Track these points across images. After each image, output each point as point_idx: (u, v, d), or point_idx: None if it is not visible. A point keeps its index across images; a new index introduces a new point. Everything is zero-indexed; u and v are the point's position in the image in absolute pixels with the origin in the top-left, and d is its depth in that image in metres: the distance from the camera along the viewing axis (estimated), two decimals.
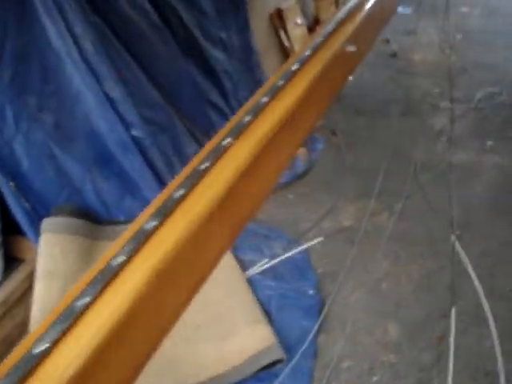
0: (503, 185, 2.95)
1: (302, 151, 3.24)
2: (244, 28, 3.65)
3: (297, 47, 4.13)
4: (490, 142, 3.25)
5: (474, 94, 3.70)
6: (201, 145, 2.98)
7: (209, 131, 2.99)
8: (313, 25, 4.54)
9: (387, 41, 4.48)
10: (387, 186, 2.99)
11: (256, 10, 3.88)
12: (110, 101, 2.53)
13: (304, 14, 4.38)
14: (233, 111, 3.47)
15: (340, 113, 3.60)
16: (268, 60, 4.02)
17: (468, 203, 2.86)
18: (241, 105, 0.70)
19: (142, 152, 2.61)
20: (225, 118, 3.32)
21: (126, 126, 2.57)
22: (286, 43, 4.15)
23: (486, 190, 2.93)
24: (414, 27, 4.38)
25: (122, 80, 2.58)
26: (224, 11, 3.49)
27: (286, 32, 4.14)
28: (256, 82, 3.72)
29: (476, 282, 2.43)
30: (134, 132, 2.58)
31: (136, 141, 2.59)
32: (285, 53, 4.18)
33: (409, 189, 2.98)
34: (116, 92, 2.53)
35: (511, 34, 4.54)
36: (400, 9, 4.94)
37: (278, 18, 4.11)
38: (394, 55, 4.28)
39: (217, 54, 3.41)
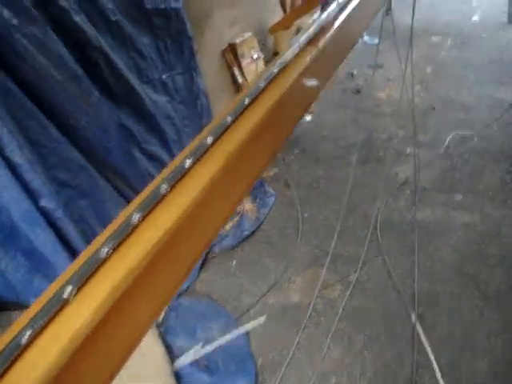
0: (471, 247, 2.63)
1: (249, 208, 2.90)
2: (190, 68, 3.32)
3: None
4: (458, 196, 2.93)
5: (443, 137, 3.39)
6: None
7: None
8: (272, 58, 4.21)
9: (351, 75, 4.16)
10: (343, 250, 2.67)
11: (206, 46, 3.55)
12: (13, 167, 2.17)
13: (262, 47, 4.06)
14: None
15: (295, 160, 3.27)
16: (220, 101, 3.69)
17: (432, 270, 2.53)
18: None
19: (54, 225, 2.25)
20: None
21: (33, 195, 2.21)
22: (241, 80, 3.82)
23: (452, 253, 2.60)
24: (380, 59, 4.07)
25: (29, 142, 2.23)
26: (167, 50, 3.15)
27: (240, 69, 3.81)
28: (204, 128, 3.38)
29: (438, 375, 2.09)
30: (43, 202, 2.22)
31: (45, 212, 2.23)
32: (239, 91, 3.84)
33: (367, 253, 2.64)
34: (20, 157, 2.17)
35: (484, 67, 4.24)
36: (366, 38, 4.65)
37: (232, 54, 3.79)
38: (358, 92, 3.96)
39: (157, 99, 3.07)
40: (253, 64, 3.83)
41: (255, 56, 3.85)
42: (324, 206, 2.95)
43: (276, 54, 4.07)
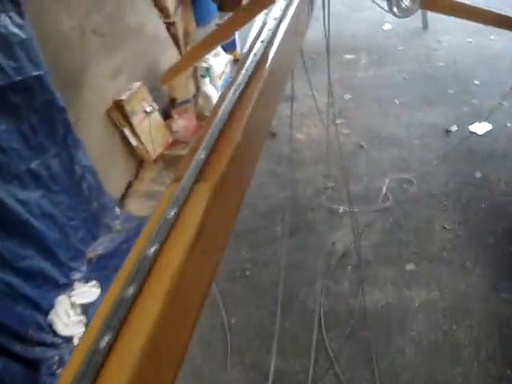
0: (438, 338, 2.15)
1: None
2: (68, 145, 2.65)
3: (149, 145, 3.17)
4: (409, 266, 2.45)
5: (378, 185, 2.91)
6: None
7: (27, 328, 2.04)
8: (168, 107, 3.60)
9: None
10: (285, 365, 2.13)
11: (85, 111, 2.89)
12: None
13: (155, 96, 3.42)
14: (67, 277, 2.47)
15: None
16: (113, 174, 3.03)
17: (395, 380, 2.03)
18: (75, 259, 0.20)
19: None
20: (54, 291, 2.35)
21: None
22: (135, 142, 3.18)
23: (417, 352, 2.11)
24: (292, 90, 3.52)
25: None
26: (33, 131, 2.47)
27: (132, 128, 3.16)
28: (96, 220, 2.73)
29: None
30: None
31: None
32: (135, 155, 3.20)
33: (315, 367, 2.11)
34: None
35: (408, 85, 3.81)
36: None
37: (119, 113, 3.13)
38: (273, 135, 3.41)
39: (27, 197, 2.39)
40: (147, 119, 3.19)
41: (148, 109, 3.23)
42: (254, 303, 2.39)
43: (173, 100, 3.46)
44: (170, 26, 4.19)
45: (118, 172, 3.12)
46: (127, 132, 3.15)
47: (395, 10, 2.21)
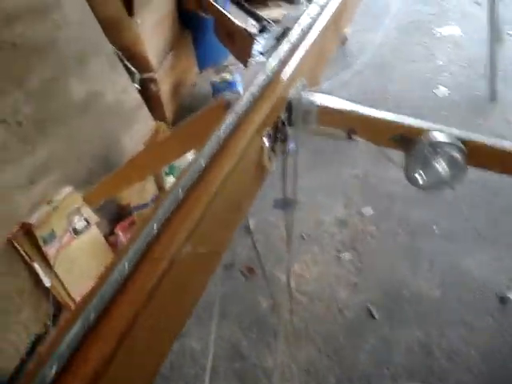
0: None
1: None
2: None
3: (73, 284, 2.25)
4: None
5: None
6: None
7: None
8: (119, 215, 2.64)
9: (248, 228, 2.59)
10: None
11: None
12: None
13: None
14: None
15: None
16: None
17: None
18: None
19: None
20: None
21: None
22: (48, 284, 2.26)
23: None
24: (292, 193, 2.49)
25: None
26: None
27: (46, 261, 2.25)
28: None
29: None
30: None
31: None
32: (56, 301, 2.29)
33: None
34: None
35: (455, 207, 2.68)
36: None
37: (28, 241, 2.22)
38: (250, 271, 2.40)
39: None
40: (76, 241, 2.25)
41: (80, 226, 2.28)
42: None
43: (124, 208, 2.50)
44: (149, 83, 3.21)
45: (19, 327, 2.21)
46: (38, 268, 2.23)
47: (419, 176, 1.26)
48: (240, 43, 3.49)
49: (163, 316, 0.69)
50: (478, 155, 1.26)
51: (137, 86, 3.07)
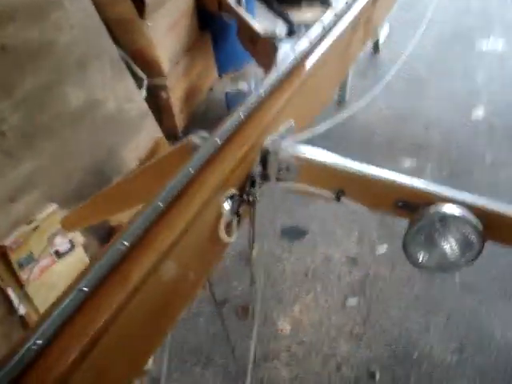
0: None
1: None
2: None
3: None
4: None
5: None
6: None
7: None
8: (108, 238, 2.44)
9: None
10: None
11: None
12: None
13: None
14: None
15: None
16: None
17: None
18: None
19: None
20: None
21: None
22: (22, 311, 2.08)
23: None
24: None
25: None
26: None
27: (20, 287, 2.07)
28: None
29: None
30: None
31: None
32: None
33: None
34: None
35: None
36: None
37: (2, 265, 2.04)
38: (244, 315, 2.18)
39: None
40: (58, 264, 2.07)
41: (64, 246, 2.10)
42: None
43: (115, 229, 2.30)
44: (159, 90, 3.00)
45: None
46: (12, 293, 2.05)
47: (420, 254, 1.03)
48: (262, 50, 3.24)
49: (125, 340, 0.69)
50: (497, 227, 1.02)
51: (144, 92, 2.86)
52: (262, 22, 3.82)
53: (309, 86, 1.29)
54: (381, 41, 3.84)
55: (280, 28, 3.75)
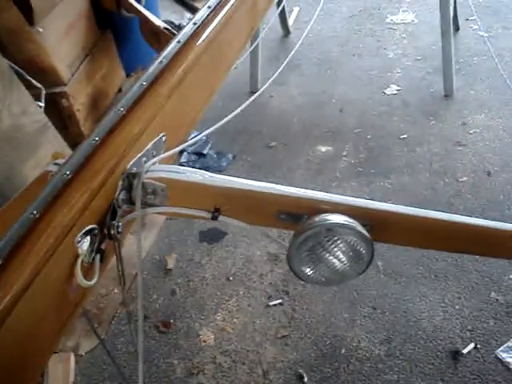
0: None
1: None
2: None
3: None
4: None
5: None
6: None
7: None
8: None
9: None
10: None
11: None
12: None
13: None
14: None
15: None
16: None
17: None
18: None
19: None
20: None
21: None
22: None
23: None
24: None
25: None
26: None
27: None
28: None
29: None
30: None
31: None
32: None
33: None
34: None
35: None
36: None
37: None
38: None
39: None
40: None
41: None
42: None
43: None
44: (59, 98, 2.81)
45: None
46: None
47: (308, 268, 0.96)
48: (165, 43, 3.11)
49: None
50: (384, 229, 0.97)
51: (41, 104, 2.67)
52: (168, 15, 3.68)
53: (185, 88, 1.19)
54: (290, 23, 3.77)
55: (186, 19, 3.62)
